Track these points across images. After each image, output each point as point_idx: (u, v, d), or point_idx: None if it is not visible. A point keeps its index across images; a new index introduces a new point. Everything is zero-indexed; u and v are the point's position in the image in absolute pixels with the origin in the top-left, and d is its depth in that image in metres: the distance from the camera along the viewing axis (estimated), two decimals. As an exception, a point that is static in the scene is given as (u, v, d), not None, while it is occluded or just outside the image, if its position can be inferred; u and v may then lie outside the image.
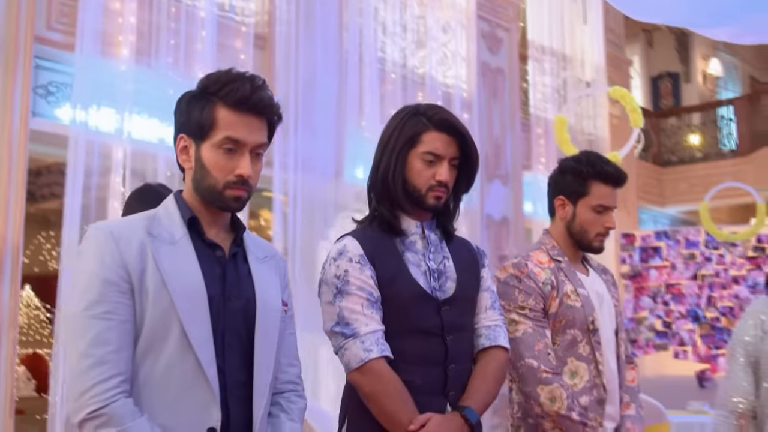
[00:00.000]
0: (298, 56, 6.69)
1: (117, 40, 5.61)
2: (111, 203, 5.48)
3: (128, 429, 1.63)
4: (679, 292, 9.46)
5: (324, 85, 6.80)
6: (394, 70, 7.66)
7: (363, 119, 7.16)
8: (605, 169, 2.63)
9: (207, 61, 6.02)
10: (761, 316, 3.52)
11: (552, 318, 2.52)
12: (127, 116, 5.58)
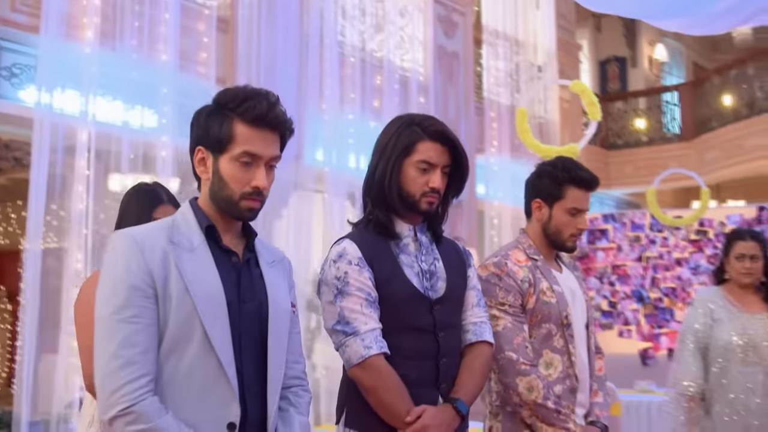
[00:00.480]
0: (260, 39, 6.74)
1: (81, 22, 5.61)
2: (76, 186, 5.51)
3: (156, 426, 1.75)
4: (625, 273, 9.76)
5: (285, 68, 6.86)
6: (354, 54, 7.75)
7: (323, 102, 7.25)
8: (580, 174, 2.80)
9: (170, 44, 6.05)
10: (710, 305, 3.76)
11: (529, 313, 2.69)
12: (92, 98, 5.59)
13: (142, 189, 2.79)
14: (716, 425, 3.63)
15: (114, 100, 5.85)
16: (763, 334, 3.64)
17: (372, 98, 7.92)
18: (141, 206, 2.71)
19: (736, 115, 12.11)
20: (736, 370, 3.62)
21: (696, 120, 12.97)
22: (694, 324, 3.76)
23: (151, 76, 5.94)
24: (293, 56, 7.00)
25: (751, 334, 3.64)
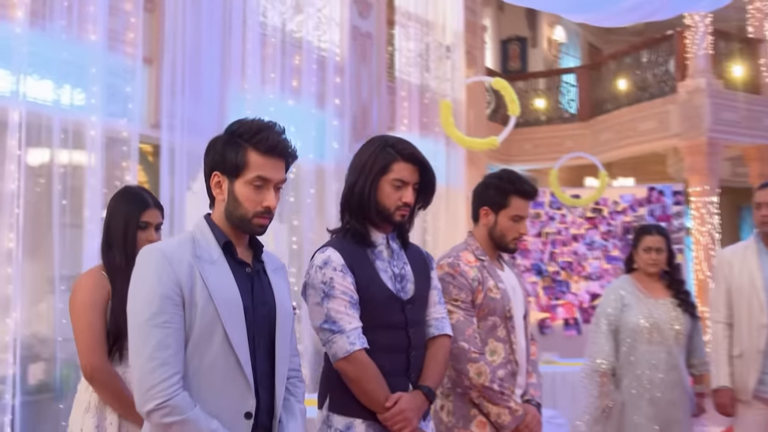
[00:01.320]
0: (185, 20, 6.83)
1: (11, 2, 5.62)
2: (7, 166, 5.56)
3: (189, 416, 2.04)
4: (525, 248, 10.30)
5: (209, 48, 6.99)
6: (275, 35, 7.91)
7: (245, 81, 7.41)
8: (523, 186, 3.20)
9: (99, 24, 6.11)
10: (621, 292, 4.23)
11: (477, 308, 3.07)
12: (23, 78, 5.63)
13: (130, 192, 3.02)
14: (625, 397, 4.11)
15: (44, 79, 5.89)
16: (666, 318, 4.12)
17: (291, 78, 8.11)
18: (130, 209, 2.94)
19: (629, 99, 12.81)
20: (642, 348, 4.10)
21: (592, 102, 13.64)
22: (607, 308, 4.22)
23: (80, 56, 5.99)
24: (217, 37, 7.12)
25: (656, 317, 4.12)
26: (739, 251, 4.27)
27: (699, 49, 11.64)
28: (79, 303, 2.83)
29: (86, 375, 2.79)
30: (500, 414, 2.98)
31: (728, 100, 11.78)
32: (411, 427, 2.51)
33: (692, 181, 11.88)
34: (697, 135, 11.52)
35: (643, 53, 12.80)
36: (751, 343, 4.09)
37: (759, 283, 4.09)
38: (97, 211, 5.74)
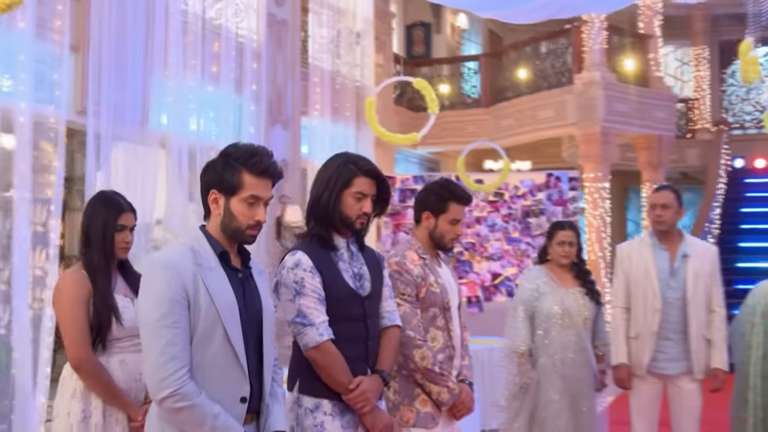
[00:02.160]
0: (111, 8, 6.98)
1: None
2: None
3: (196, 402, 2.39)
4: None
5: (134, 36, 7.14)
6: (195, 22, 8.09)
7: (167, 68, 7.60)
8: (459, 193, 3.64)
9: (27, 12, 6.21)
10: (537, 281, 4.73)
11: (421, 301, 3.50)
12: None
13: (106, 197, 3.31)
14: (540, 375, 4.61)
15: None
16: (575, 305, 4.64)
17: (211, 64, 8.32)
18: (108, 212, 3.23)
19: (529, 88, 13.47)
20: (555, 332, 4.61)
21: (494, 89, 14.25)
22: (524, 296, 4.72)
23: (9, 43, 6.09)
24: (141, 25, 7.27)
25: (567, 304, 4.63)
26: (636, 246, 4.84)
27: (594, 44, 12.37)
28: (64, 300, 3.12)
29: (73, 365, 3.09)
30: (440, 392, 3.44)
31: (620, 92, 12.58)
32: (370, 406, 2.93)
33: (586, 168, 12.65)
34: (591, 124, 12.27)
35: (542, 45, 13.47)
36: (645, 325, 4.66)
37: (653, 274, 4.66)
38: (25, 195, 5.89)
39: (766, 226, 15.33)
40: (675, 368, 4.64)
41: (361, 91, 11.59)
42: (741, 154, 17.40)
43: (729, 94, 18.91)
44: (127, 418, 3.16)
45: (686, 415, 4.65)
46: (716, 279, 4.72)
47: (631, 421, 4.78)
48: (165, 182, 7.60)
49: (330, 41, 10.91)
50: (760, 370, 4.56)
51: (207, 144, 7.95)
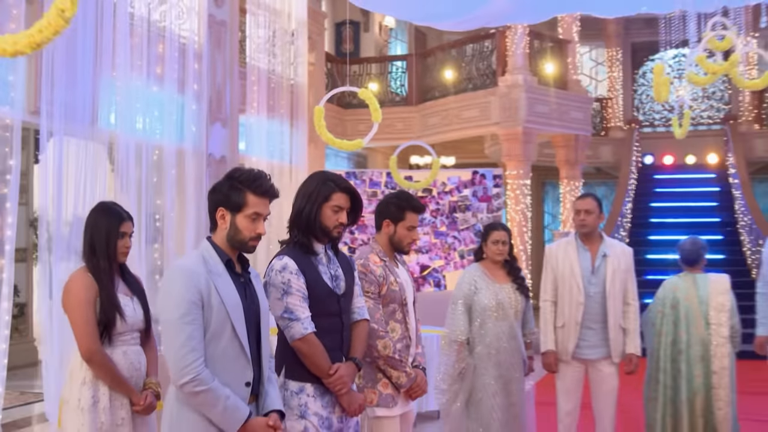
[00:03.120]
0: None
1: None
2: None
3: (211, 386, 2.86)
4: (363, 223, 11.33)
5: (84, 38, 7.44)
6: (141, 25, 8.38)
7: (114, 69, 7.90)
8: (415, 204, 4.17)
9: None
10: (474, 278, 5.26)
11: (382, 297, 4.01)
12: None
13: (107, 208, 3.73)
14: (476, 361, 5.15)
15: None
16: (508, 299, 5.19)
17: (156, 65, 8.62)
18: (110, 222, 3.65)
19: (455, 89, 14.07)
20: (491, 323, 5.15)
21: (421, 88, 14.81)
22: (462, 290, 5.25)
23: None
24: (91, 27, 7.55)
25: (500, 298, 5.18)
26: (562, 247, 5.45)
27: (517, 48, 13.03)
28: (74, 300, 3.54)
29: (84, 357, 3.51)
30: (399, 377, 3.96)
31: (541, 94, 13.29)
32: (347, 388, 3.45)
33: (509, 165, 13.33)
34: (514, 125, 12.94)
35: (468, 47, 14.09)
36: (570, 316, 5.28)
37: (577, 272, 5.28)
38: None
39: (673, 220, 16.27)
40: (596, 354, 5.28)
41: (295, 89, 12.01)
42: (651, 151, 18.42)
43: (640, 94, 19.92)
44: (130, 403, 3.60)
45: (605, 394, 5.30)
46: (631, 276, 5.37)
47: (557, 401, 5.41)
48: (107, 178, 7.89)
49: (266, 41, 11.27)
50: (669, 354, 5.22)
51: (152, 142, 8.27)
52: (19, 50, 3.06)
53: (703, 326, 5.20)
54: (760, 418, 5.78)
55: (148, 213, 8.16)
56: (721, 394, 5.18)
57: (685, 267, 5.43)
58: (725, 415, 5.16)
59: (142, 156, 8.07)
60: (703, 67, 6.15)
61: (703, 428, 5.16)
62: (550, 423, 5.78)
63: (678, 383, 5.22)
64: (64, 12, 3.04)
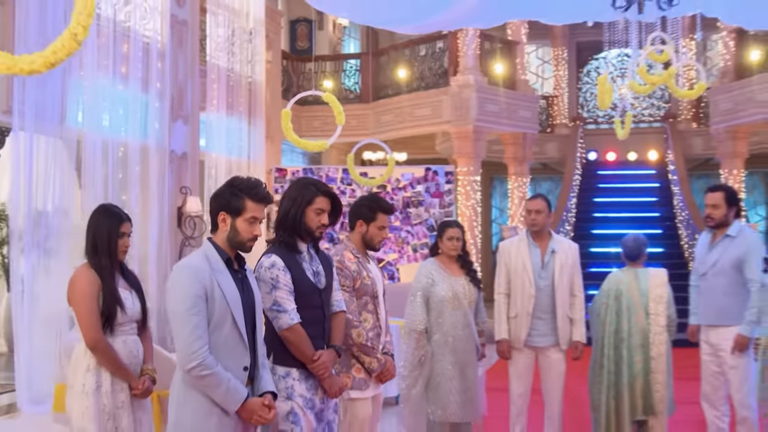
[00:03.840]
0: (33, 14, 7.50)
1: None
2: None
3: (216, 371, 3.24)
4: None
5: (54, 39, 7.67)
6: (108, 25, 8.64)
7: (82, 69, 8.15)
8: (384, 205, 4.59)
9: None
10: (431, 271, 5.68)
11: (356, 290, 4.41)
12: None
13: (108, 210, 4.07)
14: (434, 349, 5.56)
15: None
16: (462, 291, 5.60)
17: (121, 65, 8.88)
18: (111, 223, 4.00)
19: (408, 88, 14.52)
20: (447, 313, 5.56)
21: (374, 86, 15.22)
22: (420, 283, 5.66)
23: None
24: (60, 29, 7.79)
25: (455, 290, 5.59)
26: (515, 244, 5.91)
27: (468, 49, 13.52)
28: (79, 294, 3.88)
29: (89, 346, 3.85)
30: (371, 362, 4.38)
31: (491, 94, 13.81)
32: (328, 372, 3.86)
33: (459, 162, 13.83)
34: (465, 123, 13.44)
35: (420, 47, 14.53)
36: (522, 307, 5.74)
37: (528, 267, 5.74)
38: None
39: (615, 214, 16.85)
40: (545, 341, 5.76)
41: (253, 87, 12.31)
42: (594, 147, 18.99)
43: (584, 92, 20.54)
44: (129, 387, 3.95)
45: (554, 379, 5.79)
46: (577, 270, 5.85)
47: (509, 385, 5.88)
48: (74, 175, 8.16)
49: (226, 40, 11.56)
50: (612, 342, 5.72)
51: (118, 139, 8.53)
52: (35, 69, 3.38)
53: (643, 316, 5.69)
54: (692, 401, 6.30)
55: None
56: (658, 378, 5.68)
57: (628, 262, 5.91)
58: (662, 396, 5.66)
59: (108, 153, 8.33)
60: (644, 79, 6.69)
61: (642, 408, 5.66)
62: (501, 407, 6.25)
63: (620, 368, 5.71)
64: (77, 36, 3.36)
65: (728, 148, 15.42)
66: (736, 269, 5.58)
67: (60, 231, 7.37)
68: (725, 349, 5.63)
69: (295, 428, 3.76)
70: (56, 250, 7.42)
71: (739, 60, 14.96)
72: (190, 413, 3.31)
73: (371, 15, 8.66)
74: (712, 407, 5.82)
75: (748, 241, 5.62)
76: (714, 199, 5.69)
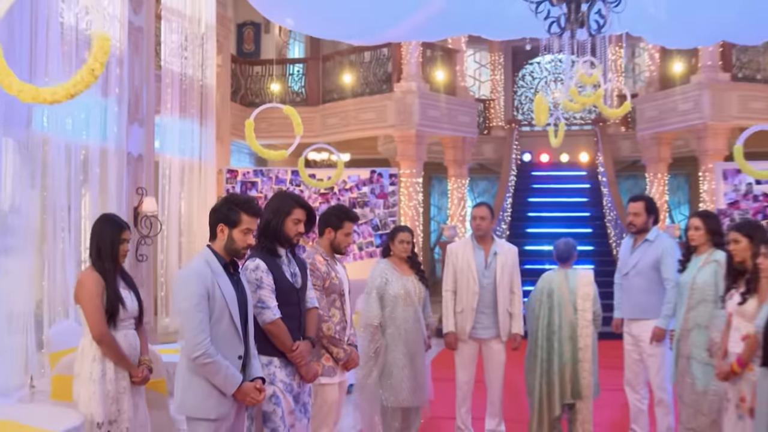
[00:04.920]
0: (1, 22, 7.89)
1: None
2: None
3: (216, 359, 3.82)
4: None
5: (20, 47, 8.09)
6: (71, 33, 9.04)
7: (47, 75, 8.55)
8: (351, 214, 5.19)
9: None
10: (385, 271, 6.27)
11: (326, 289, 5.01)
12: None
13: (110, 219, 4.59)
14: (388, 341, 6.15)
15: None
16: (413, 289, 6.19)
17: (83, 71, 9.30)
18: (113, 231, 4.52)
19: (353, 92, 15.11)
20: (399, 309, 6.15)
21: (320, 90, 15.77)
22: (375, 282, 6.24)
23: None
24: (27, 37, 8.21)
25: (408, 288, 6.19)
26: (461, 246, 6.57)
27: (412, 57, 14.17)
28: (86, 294, 4.39)
29: (96, 339, 4.37)
30: (338, 352, 5.00)
31: (432, 100, 14.49)
32: (305, 361, 4.46)
33: (403, 165, 14.48)
34: (408, 128, 14.10)
35: (365, 54, 15.14)
36: (468, 303, 6.40)
37: (473, 267, 6.40)
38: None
39: (549, 214, 17.63)
40: (487, 334, 6.44)
41: (204, 90, 12.79)
42: (529, 149, 19.82)
43: (519, 95, 21.42)
44: (129, 375, 4.49)
45: (495, 367, 6.48)
46: (516, 270, 6.54)
47: (456, 374, 6.54)
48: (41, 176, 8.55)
49: (179, 45, 12.01)
50: (545, 334, 6.40)
51: (80, 143, 8.95)
52: (57, 99, 3.90)
53: (572, 312, 6.38)
54: (615, 388, 7.07)
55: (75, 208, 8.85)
56: (585, 366, 6.37)
57: (559, 263, 6.61)
58: (588, 382, 6.36)
59: (71, 156, 8.75)
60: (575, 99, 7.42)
61: (571, 393, 6.35)
62: (446, 395, 6.92)
63: (552, 357, 6.39)
64: (94, 71, 3.89)
65: (653, 153, 16.36)
66: (654, 270, 6.33)
67: (17, 231, 7.70)
68: (645, 340, 6.38)
69: (277, 409, 4.36)
70: (15, 250, 7.77)
71: (663, 71, 15.91)
72: (193, 395, 3.88)
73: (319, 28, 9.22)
74: (633, 391, 6.58)
75: (664, 245, 6.37)
76: (635, 208, 6.44)
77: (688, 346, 5.77)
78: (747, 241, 4.98)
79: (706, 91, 14.28)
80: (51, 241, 8.38)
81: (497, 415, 6.55)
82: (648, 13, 8.08)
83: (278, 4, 9.78)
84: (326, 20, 9.20)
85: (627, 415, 6.75)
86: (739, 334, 4.85)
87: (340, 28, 9.08)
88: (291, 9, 9.55)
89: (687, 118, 14.77)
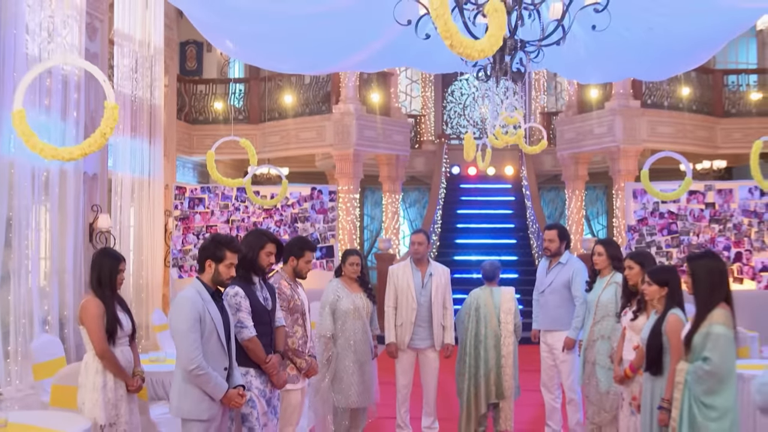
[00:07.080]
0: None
1: None
2: None
3: (208, 371, 4.68)
4: (215, 231, 12.96)
5: None
6: (35, 62, 9.71)
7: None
8: (311, 245, 6.09)
9: None
10: (337, 289, 7.16)
11: (290, 310, 5.90)
12: None
13: (108, 252, 5.41)
14: (339, 351, 7.04)
15: None
16: (362, 305, 7.08)
17: (45, 97, 9.96)
18: (112, 263, 5.33)
19: (294, 112, 15.94)
20: (350, 322, 7.03)
21: (261, 109, 16.55)
22: (329, 299, 7.12)
23: None
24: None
25: (357, 304, 7.08)
26: (402, 268, 7.51)
27: (349, 81, 15.08)
28: (90, 316, 5.19)
29: (99, 355, 5.17)
30: (301, 363, 5.90)
31: (369, 121, 15.43)
32: (277, 371, 5.35)
33: (341, 182, 15.37)
34: (346, 147, 15.01)
35: (306, 77, 15.97)
36: (407, 318, 7.35)
37: (411, 286, 7.36)
38: None
39: (476, 225, 18.65)
40: (424, 344, 7.40)
41: (153, 110, 13.46)
42: (457, 162, 20.73)
43: (449, 111, 22.41)
44: (125, 385, 5.31)
45: (430, 373, 7.47)
46: (448, 288, 7.52)
47: (396, 379, 7.50)
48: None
49: (130, 69, 12.68)
50: (473, 343, 7.38)
51: (42, 165, 9.61)
52: (73, 157, 4.72)
53: (496, 324, 7.36)
54: (533, 389, 8.13)
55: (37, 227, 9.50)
56: (507, 371, 7.36)
57: (485, 282, 7.59)
58: (510, 385, 7.35)
59: (35, 177, 9.40)
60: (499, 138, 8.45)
61: (495, 393, 7.33)
62: (389, 396, 7.85)
63: (478, 363, 7.36)
64: (105, 135, 4.71)
65: (572, 172, 17.59)
66: (566, 288, 7.38)
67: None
68: (558, 348, 7.43)
69: (253, 411, 5.25)
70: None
71: (581, 96, 17.14)
72: (188, 401, 4.75)
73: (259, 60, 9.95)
74: (548, 391, 7.64)
75: (574, 267, 7.42)
76: (550, 236, 7.49)
77: (594, 354, 6.79)
78: (639, 268, 6.03)
79: (619, 116, 15.55)
80: (17, 257, 9.00)
81: (432, 414, 7.55)
82: (563, 53, 9.15)
83: (219, 30, 10.53)
84: (267, 55, 10.00)
85: (543, 412, 7.81)
86: (632, 344, 5.91)
87: (280, 63, 9.89)
88: (232, 37, 10.29)
89: (602, 141, 16.02)
